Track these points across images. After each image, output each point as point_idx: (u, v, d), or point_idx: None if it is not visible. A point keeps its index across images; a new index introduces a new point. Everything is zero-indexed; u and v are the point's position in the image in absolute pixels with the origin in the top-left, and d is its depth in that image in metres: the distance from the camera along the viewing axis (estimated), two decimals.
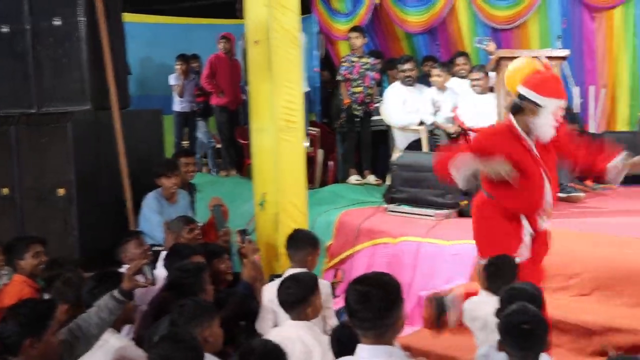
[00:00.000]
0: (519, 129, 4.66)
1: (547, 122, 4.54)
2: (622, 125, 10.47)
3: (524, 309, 3.58)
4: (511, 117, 4.73)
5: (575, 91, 10.43)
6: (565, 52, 7.54)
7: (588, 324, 5.04)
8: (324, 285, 5.09)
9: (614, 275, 5.61)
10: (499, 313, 3.82)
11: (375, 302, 3.00)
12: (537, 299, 4.02)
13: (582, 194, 8.55)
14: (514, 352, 3.53)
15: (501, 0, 11.20)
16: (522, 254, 4.62)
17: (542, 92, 4.60)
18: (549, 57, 7.28)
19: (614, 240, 6.34)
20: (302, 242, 5.38)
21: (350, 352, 3.16)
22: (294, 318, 4.30)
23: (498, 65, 7.36)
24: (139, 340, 4.39)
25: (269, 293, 4.86)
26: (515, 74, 6.01)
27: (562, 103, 4.67)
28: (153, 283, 4.47)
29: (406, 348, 5.39)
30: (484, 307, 4.33)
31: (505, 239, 4.61)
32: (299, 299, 4.27)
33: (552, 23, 10.87)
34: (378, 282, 3.12)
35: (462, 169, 4.59)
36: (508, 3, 11.12)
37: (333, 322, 5.01)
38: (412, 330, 6.00)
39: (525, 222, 4.68)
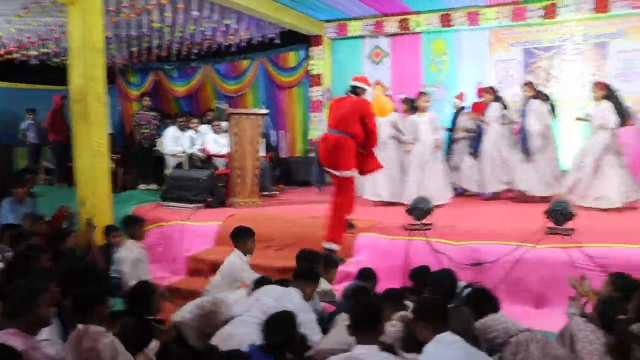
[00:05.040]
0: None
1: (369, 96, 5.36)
2: (298, 153, 11.03)
3: None
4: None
5: (273, 133, 10.87)
6: (266, 111, 7.81)
7: (285, 267, 5.07)
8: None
9: (295, 238, 5.78)
10: None
11: None
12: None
13: (277, 192, 8.91)
14: None
15: (231, 80, 11.44)
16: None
17: (366, 83, 5.41)
18: (257, 114, 7.52)
19: (293, 218, 6.57)
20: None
21: None
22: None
23: (229, 117, 7.43)
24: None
25: None
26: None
27: (370, 90, 5.46)
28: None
29: (174, 290, 5.33)
30: None
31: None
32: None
33: (260, 94, 11.27)
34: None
35: None
36: (234, 82, 11.39)
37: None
38: (179, 278, 5.98)
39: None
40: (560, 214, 4.98)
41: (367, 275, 4.22)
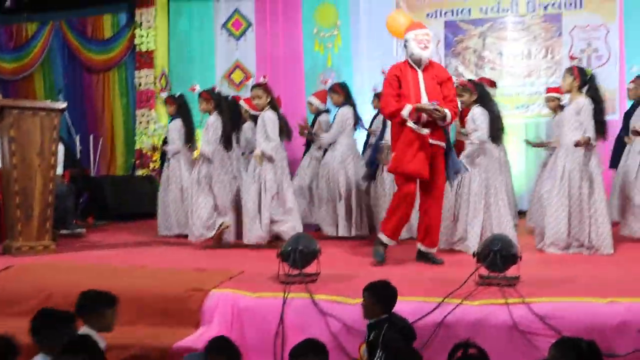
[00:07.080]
0: (409, 59, 6.35)
1: (414, 46, 6.25)
2: (119, 170, 10.81)
3: None
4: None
5: (78, 139, 10.54)
6: (63, 105, 7.56)
7: None
8: None
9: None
10: None
11: None
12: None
13: (83, 230, 8.66)
14: None
15: (7, 54, 11.07)
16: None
17: (406, 31, 6.40)
18: (50, 110, 7.24)
19: (111, 270, 6.31)
20: None
21: None
22: None
23: (2, 113, 7.12)
24: None
25: None
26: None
27: (418, 31, 6.31)
28: None
29: None
30: None
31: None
32: None
33: (56, 78, 11.02)
34: None
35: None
36: (13, 57, 11.01)
37: None
38: None
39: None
40: (498, 257, 5.12)
41: (219, 347, 4.10)
